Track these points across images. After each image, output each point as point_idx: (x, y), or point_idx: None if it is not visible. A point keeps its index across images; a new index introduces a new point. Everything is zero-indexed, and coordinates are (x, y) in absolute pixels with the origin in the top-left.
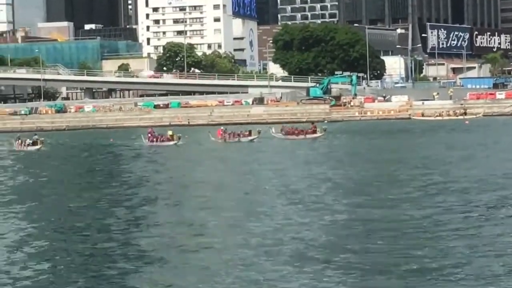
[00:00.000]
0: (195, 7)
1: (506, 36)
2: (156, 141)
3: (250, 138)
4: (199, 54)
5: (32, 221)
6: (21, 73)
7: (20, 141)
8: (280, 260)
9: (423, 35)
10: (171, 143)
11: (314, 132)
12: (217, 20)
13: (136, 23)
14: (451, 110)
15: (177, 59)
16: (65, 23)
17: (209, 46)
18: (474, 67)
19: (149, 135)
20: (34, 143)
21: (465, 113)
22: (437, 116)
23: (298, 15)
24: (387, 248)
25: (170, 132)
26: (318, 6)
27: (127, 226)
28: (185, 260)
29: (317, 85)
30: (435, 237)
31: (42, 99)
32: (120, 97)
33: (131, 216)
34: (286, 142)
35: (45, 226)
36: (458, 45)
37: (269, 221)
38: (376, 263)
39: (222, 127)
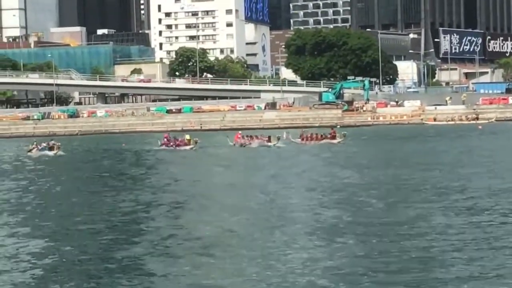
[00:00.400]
0: (207, 12)
1: None
2: (173, 145)
3: (269, 144)
4: (212, 59)
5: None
6: (34, 78)
7: (36, 146)
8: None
9: (435, 40)
10: (188, 147)
11: (334, 137)
12: (229, 25)
13: (149, 28)
14: (463, 115)
15: (189, 64)
16: (77, 28)
17: (222, 51)
18: (487, 72)
19: (165, 139)
20: (50, 148)
21: (477, 118)
22: (449, 121)
23: (311, 20)
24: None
25: (187, 137)
26: (330, 11)
27: (165, 231)
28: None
29: (330, 90)
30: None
31: (55, 104)
32: (132, 102)
33: (170, 220)
34: (305, 147)
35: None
36: (471, 50)
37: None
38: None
39: (240, 132)
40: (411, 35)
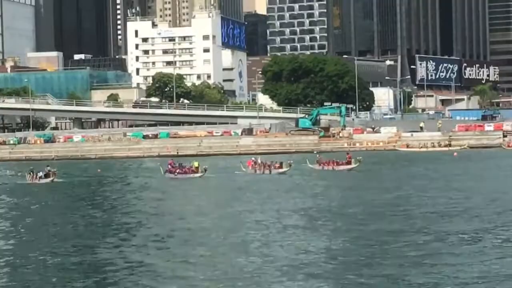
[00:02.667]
0: (184, 38)
1: (495, 68)
2: (179, 172)
3: (281, 170)
4: (189, 84)
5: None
6: (10, 102)
7: (32, 173)
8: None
9: (412, 66)
10: (196, 175)
11: (349, 163)
12: (206, 50)
13: (126, 53)
14: (435, 142)
15: (166, 90)
16: (54, 53)
17: (198, 77)
18: (463, 99)
19: (170, 166)
20: (46, 175)
21: (449, 145)
22: (421, 147)
23: (288, 46)
24: None
25: (195, 164)
26: (307, 37)
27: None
28: None
29: (306, 116)
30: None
31: (31, 128)
32: (109, 127)
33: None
34: (322, 173)
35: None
36: (447, 77)
37: None
38: None
39: (253, 158)
40: (388, 62)
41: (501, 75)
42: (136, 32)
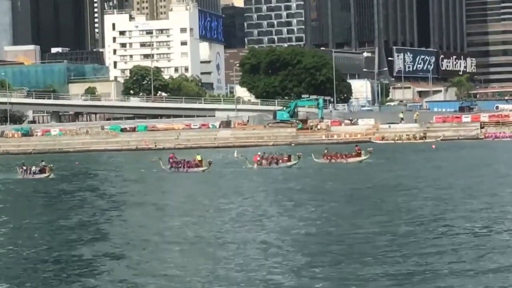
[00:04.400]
0: (162, 31)
1: (472, 60)
2: (182, 167)
3: (289, 163)
4: (166, 77)
5: None
6: None
7: (24, 168)
8: None
9: (389, 58)
10: (199, 169)
11: (359, 155)
12: (184, 43)
13: (103, 47)
14: (411, 134)
15: (144, 83)
16: (31, 47)
17: (176, 70)
18: (440, 91)
19: (171, 160)
20: (41, 171)
21: (424, 137)
22: (397, 140)
23: (265, 39)
24: None
25: (198, 157)
26: (285, 29)
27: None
28: None
29: (284, 108)
30: None
31: (8, 122)
32: (86, 120)
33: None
34: (330, 167)
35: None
36: (424, 68)
37: None
38: None
39: (259, 152)
40: (365, 54)
41: (478, 67)
42: (114, 25)
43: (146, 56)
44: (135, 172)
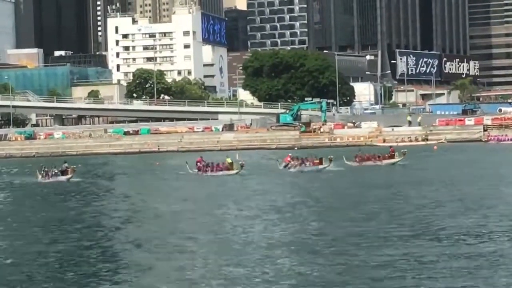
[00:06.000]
0: (164, 34)
1: (475, 63)
2: (211, 170)
3: (321, 166)
4: (169, 80)
5: None
6: None
7: (45, 171)
8: None
9: (392, 61)
10: (231, 172)
11: (392, 157)
12: (187, 46)
13: (106, 50)
14: (412, 136)
15: (147, 86)
16: (34, 50)
17: (179, 73)
18: (443, 94)
19: (198, 164)
20: (63, 172)
21: (426, 139)
22: (399, 142)
23: (268, 42)
24: None
25: (228, 160)
26: (287, 32)
27: None
28: None
29: (287, 111)
30: None
31: (12, 125)
32: (90, 123)
33: None
34: (361, 169)
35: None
36: (427, 71)
37: None
38: None
39: (290, 154)
40: (368, 57)
41: (481, 70)
42: (117, 28)
43: (149, 59)
44: (171, 174)
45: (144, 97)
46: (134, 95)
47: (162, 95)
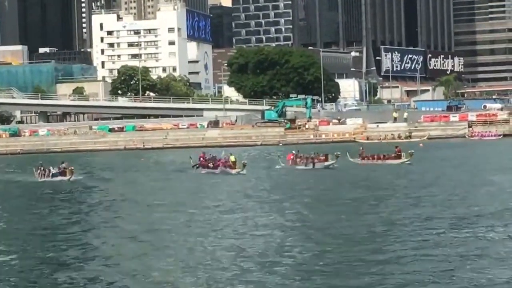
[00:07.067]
0: (149, 31)
1: (459, 59)
2: (212, 165)
3: (326, 163)
4: (154, 77)
5: None
6: None
7: (42, 169)
8: None
9: (377, 58)
10: (233, 171)
11: (399, 156)
12: (171, 43)
13: (91, 47)
14: (395, 133)
15: (131, 83)
16: (19, 47)
17: (164, 69)
18: (428, 90)
19: (201, 159)
20: (62, 173)
21: (410, 136)
22: (381, 139)
23: (253, 38)
24: None
25: (232, 158)
26: (272, 29)
27: None
28: None
29: (272, 108)
30: None
31: None
32: (74, 120)
33: None
34: (365, 168)
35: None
36: (412, 68)
37: None
38: None
39: (293, 151)
40: (353, 53)
41: (465, 66)
42: (101, 25)
43: (134, 56)
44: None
45: (129, 94)
46: (119, 92)
47: (147, 92)
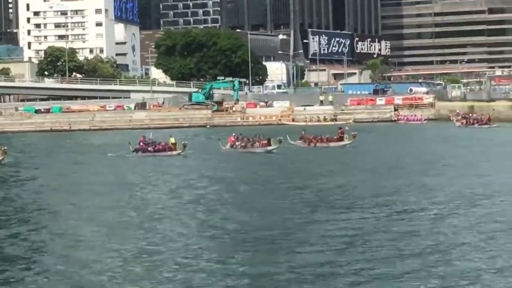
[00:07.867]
0: (76, 12)
1: (386, 43)
2: (153, 150)
3: (269, 148)
4: (81, 58)
5: None
6: None
7: None
8: None
9: (304, 41)
10: (174, 153)
11: (341, 139)
12: (99, 24)
13: (17, 27)
14: (321, 116)
15: (58, 64)
16: None
17: (91, 51)
18: (355, 73)
19: (141, 143)
20: None
21: (335, 119)
22: (307, 121)
23: (181, 20)
24: None
25: (172, 140)
26: (200, 11)
27: None
28: None
29: (200, 90)
30: None
31: None
32: (0, 101)
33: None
34: (308, 150)
35: None
36: (339, 51)
37: None
38: None
39: (234, 134)
40: (280, 36)
41: (392, 50)
42: (28, 5)
43: (61, 37)
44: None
45: (56, 75)
46: (46, 73)
47: (74, 73)
